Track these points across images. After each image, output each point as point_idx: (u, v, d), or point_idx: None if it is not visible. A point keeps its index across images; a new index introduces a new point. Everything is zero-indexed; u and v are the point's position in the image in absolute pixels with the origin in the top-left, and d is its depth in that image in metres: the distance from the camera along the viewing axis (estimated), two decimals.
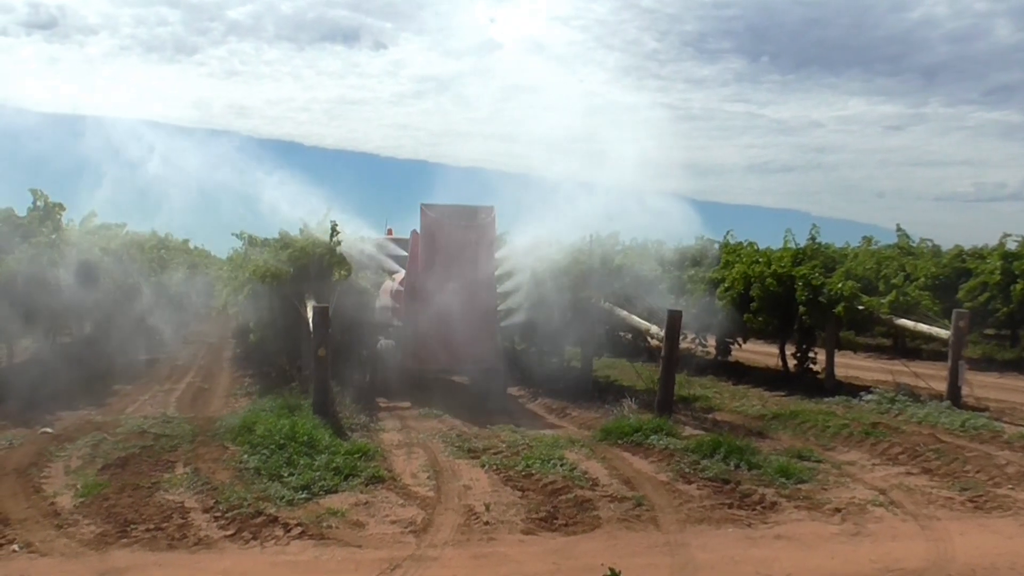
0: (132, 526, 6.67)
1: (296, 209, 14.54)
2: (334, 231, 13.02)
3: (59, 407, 11.53)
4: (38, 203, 13.79)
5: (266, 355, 13.77)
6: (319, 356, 10.51)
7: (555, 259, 13.92)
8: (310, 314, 11.28)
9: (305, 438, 8.82)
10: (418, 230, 13.12)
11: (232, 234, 15.18)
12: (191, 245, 29.80)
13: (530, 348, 15.22)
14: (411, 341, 12.96)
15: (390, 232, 16.25)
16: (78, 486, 7.69)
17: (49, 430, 10.08)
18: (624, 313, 12.83)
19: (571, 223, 15.00)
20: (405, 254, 13.91)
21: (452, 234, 12.92)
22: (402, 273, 13.98)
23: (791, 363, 15.29)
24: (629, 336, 15.13)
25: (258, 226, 15.18)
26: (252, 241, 14.74)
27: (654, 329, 11.84)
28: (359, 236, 14.86)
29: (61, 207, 13.96)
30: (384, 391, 13.06)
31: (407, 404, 12.50)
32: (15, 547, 6.22)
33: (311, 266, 13.24)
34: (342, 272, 13.00)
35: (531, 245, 14.30)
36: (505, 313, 14.19)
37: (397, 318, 13.55)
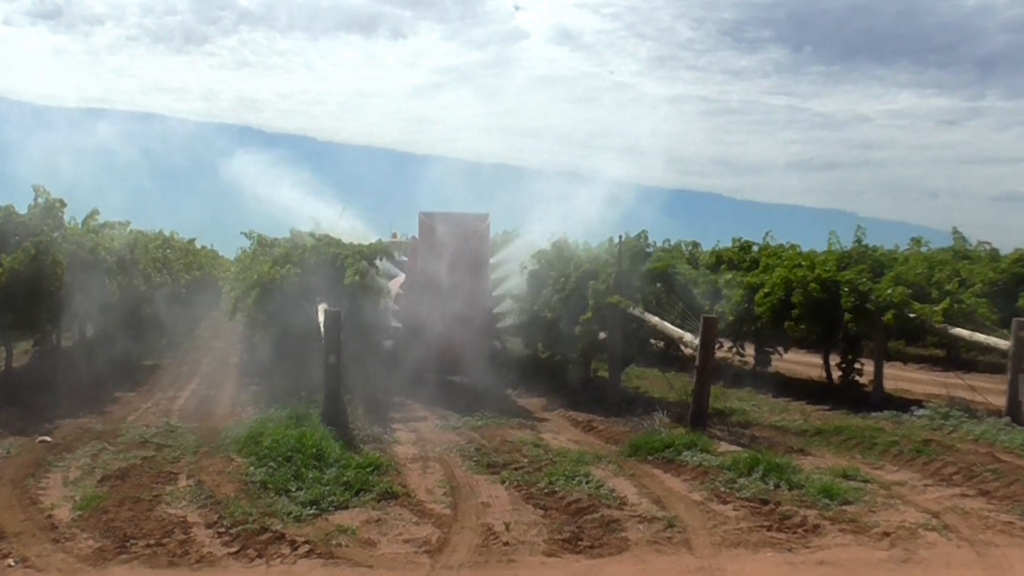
0: (132, 541, 6.71)
1: (308, 207, 14.75)
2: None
3: (58, 414, 11.61)
4: (39, 199, 13.94)
5: (274, 361, 13.89)
6: (330, 363, 10.56)
7: (580, 261, 14.12)
8: (321, 318, 11.36)
9: (314, 450, 8.84)
10: (417, 236, 14.08)
11: (241, 233, 15.59)
12: (198, 245, 30.01)
13: (554, 357, 15.29)
14: (411, 343, 13.86)
15: (395, 236, 16.91)
16: (76, 498, 7.75)
17: (47, 439, 10.16)
18: (655, 319, 12.74)
19: (597, 222, 15.59)
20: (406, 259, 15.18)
21: (448, 240, 14.35)
22: (403, 277, 15.09)
23: (835, 375, 15.16)
24: (661, 344, 15.12)
25: (268, 225, 15.79)
26: (262, 241, 15.09)
27: (688, 337, 11.76)
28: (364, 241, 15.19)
29: (62, 203, 14.12)
30: (393, 395, 13.40)
31: (424, 415, 12.63)
32: (10, 562, 6.27)
33: (323, 267, 13.43)
34: (356, 274, 13.14)
35: (546, 246, 14.92)
36: (501, 316, 15.13)
37: (397, 320, 14.46)
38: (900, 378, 16.32)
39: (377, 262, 14.04)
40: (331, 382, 10.60)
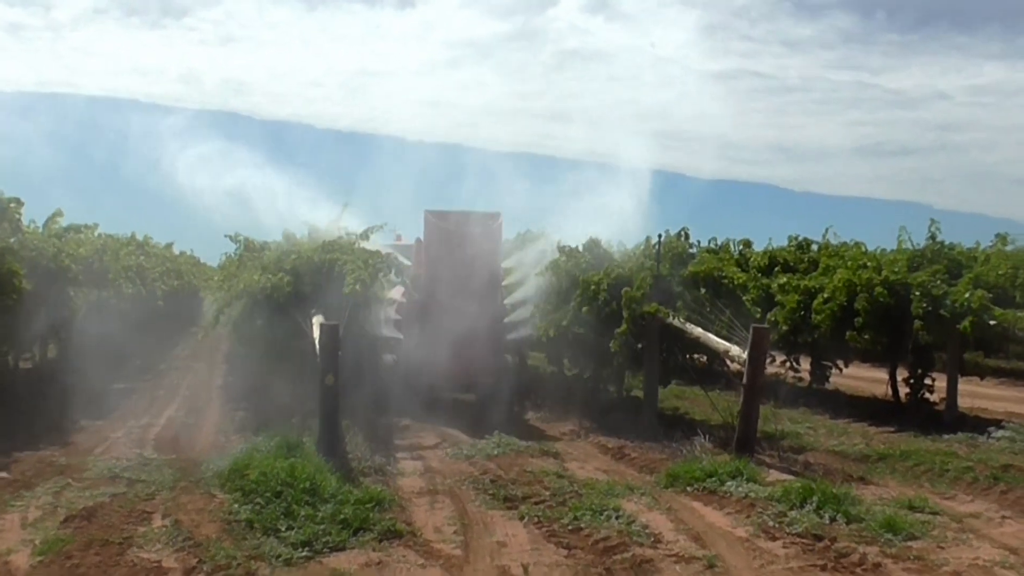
0: None
1: (303, 206, 15.37)
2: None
3: (15, 446, 11.63)
4: None
5: (263, 383, 14.02)
6: (326, 384, 10.64)
7: (613, 265, 14.28)
8: (316, 333, 11.45)
9: (307, 484, 8.91)
10: (421, 238, 14.52)
11: (225, 236, 15.50)
12: (176, 250, 30.25)
13: (582, 374, 15.46)
14: (416, 357, 14.15)
15: (399, 239, 17.03)
16: (36, 542, 7.76)
17: (4, 474, 10.25)
18: (698, 331, 12.81)
19: (634, 219, 15.67)
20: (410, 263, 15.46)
21: (455, 242, 14.81)
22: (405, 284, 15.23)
23: (903, 391, 15.14)
24: (704, 359, 15.18)
25: (257, 227, 15.95)
26: (249, 245, 15.10)
27: (735, 350, 11.80)
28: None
29: (19, 203, 14.19)
30: (397, 418, 13.71)
31: (432, 441, 12.80)
32: None
33: (319, 275, 13.58)
34: (356, 282, 13.15)
35: (573, 248, 14.99)
36: (514, 326, 15.49)
37: (400, 332, 14.68)
38: (977, 395, 16.21)
39: (384, 276, 14.19)
40: (328, 406, 10.66)
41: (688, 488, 9.87)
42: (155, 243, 25.91)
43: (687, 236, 15.12)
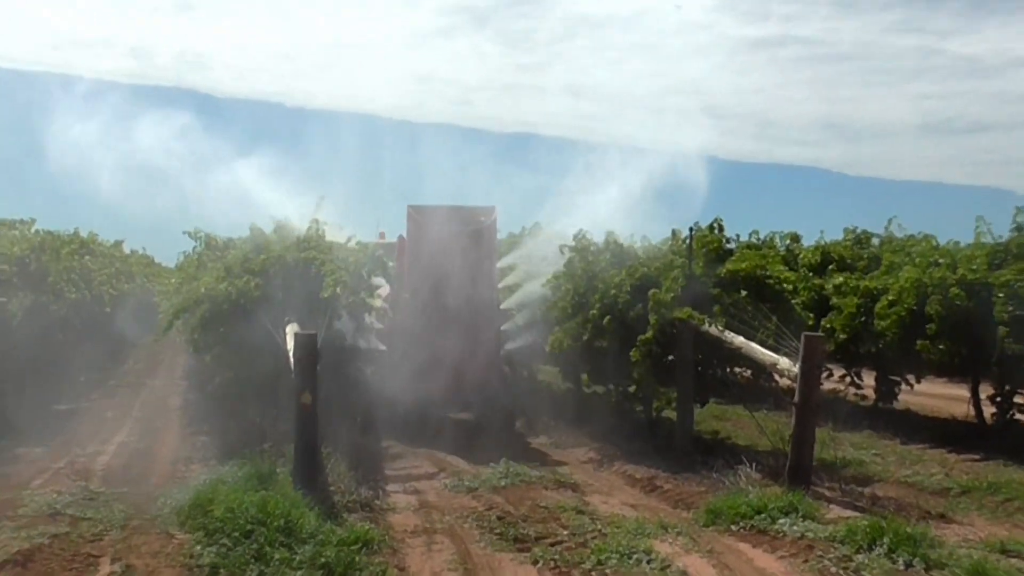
0: None
1: (275, 197, 15.34)
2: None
3: None
4: None
5: (229, 402, 14.10)
6: (303, 404, 10.59)
7: (637, 264, 14.32)
8: (290, 344, 11.44)
9: (282, 521, 8.86)
10: (405, 236, 14.94)
11: (183, 233, 15.56)
12: (126, 249, 30.21)
13: (604, 391, 15.48)
14: (401, 371, 14.44)
15: (382, 236, 17.56)
16: None
17: None
18: (740, 340, 12.75)
19: (657, 211, 15.85)
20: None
21: (444, 240, 15.11)
22: (387, 288, 15.62)
23: (988, 411, 15.03)
24: (747, 373, 15.10)
25: (220, 222, 15.96)
26: (210, 243, 15.21)
27: (783, 363, 11.77)
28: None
29: None
30: (386, 443, 14.09)
31: (428, 470, 12.86)
32: None
33: (293, 277, 13.57)
34: (336, 285, 13.15)
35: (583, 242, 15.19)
36: (513, 333, 15.94)
37: (382, 342, 14.92)
38: None
39: (370, 276, 14.38)
40: (305, 429, 10.61)
41: (732, 526, 9.82)
42: (102, 241, 25.84)
43: (721, 228, 15.05)
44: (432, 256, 15.21)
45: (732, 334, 12.96)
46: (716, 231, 14.83)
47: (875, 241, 19.62)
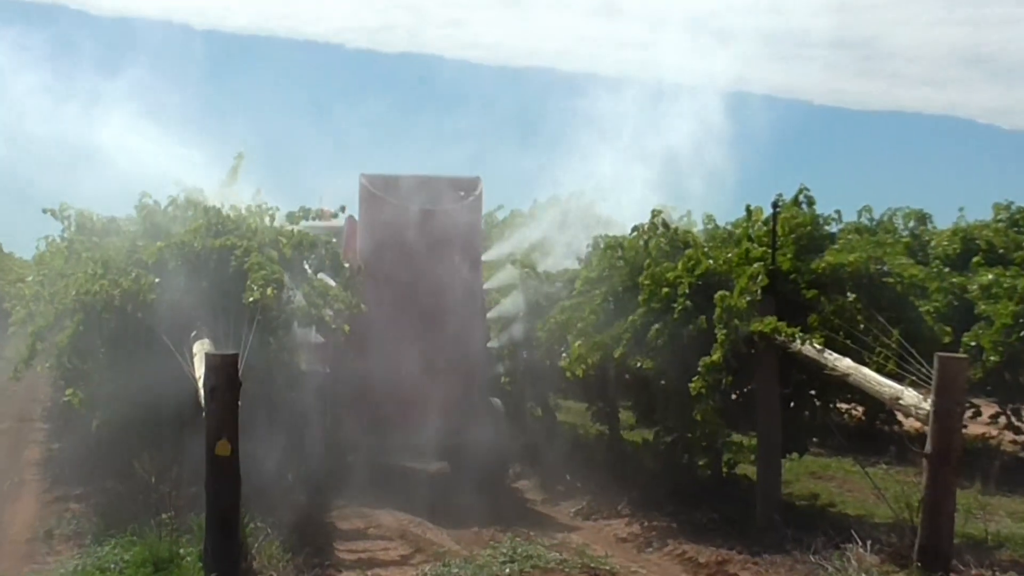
0: None
1: (174, 158, 15.35)
2: None
3: None
4: None
5: (110, 454, 13.97)
6: (218, 456, 10.28)
7: (696, 254, 14.03)
8: (200, 369, 11.19)
9: None
10: (356, 217, 15.12)
11: (44, 212, 15.52)
12: None
13: (651, 440, 15.27)
14: (348, 400, 14.80)
15: (323, 212, 17.27)
16: None
17: None
18: (846, 363, 12.30)
19: (713, 178, 16.26)
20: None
21: (411, 224, 14.95)
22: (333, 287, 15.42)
23: None
24: (858, 411, 14.80)
25: (97, 194, 15.83)
26: (84, 224, 15.27)
27: (909, 396, 11.23)
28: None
29: None
30: (338, 504, 14.21)
31: (398, 548, 12.76)
32: None
33: (203, 273, 13.57)
34: (267, 286, 13.07)
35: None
36: (504, 352, 16.30)
37: (324, 362, 15.32)
38: None
39: (316, 272, 14.59)
40: (221, 492, 10.29)
41: None
42: None
43: (811, 202, 14.94)
44: (392, 245, 15.07)
45: (835, 355, 12.58)
46: (805, 206, 14.75)
47: None
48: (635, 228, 15.21)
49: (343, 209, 16.55)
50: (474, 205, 15.79)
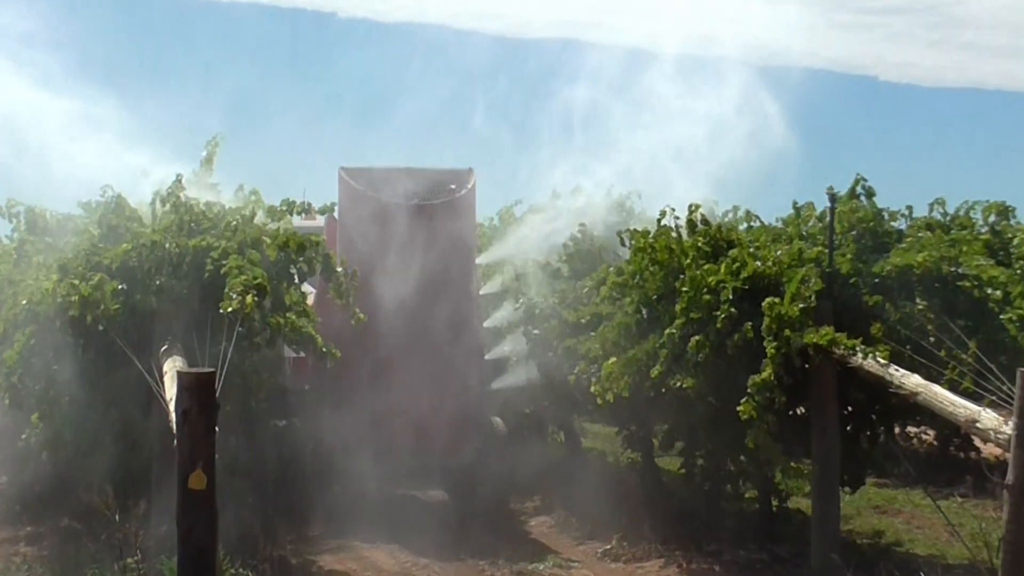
0: None
1: (139, 146, 15.10)
2: None
3: None
4: None
5: (67, 489, 13.85)
6: (191, 489, 9.29)
7: (740, 255, 13.55)
8: (170, 391, 10.54)
9: None
10: (336, 215, 14.99)
11: None
12: None
13: (692, 470, 14.71)
14: (330, 423, 14.29)
15: (305, 210, 17.07)
16: None
17: None
18: (915, 381, 11.66)
19: (748, 168, 15.95)
20: None
21: (395, 222, 14.84)
22: (311, 292, 15.47)
23: None
24: (929, 435, 14.89)
25: (50, 188, 15.67)
26: (35, 222, 15.27)
27: (988, 418, 10.36)
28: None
29: None
30: (323, 540, 13.91)
31: None
32: None
33: (175, 279, 13.30)
34: (247, 293, 12.63)
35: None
36: (504, 364, 16.10)
37: (302, 379, 15.45)
38: None
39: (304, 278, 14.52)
40: (194, 529, 9.31)
41: None
42: None
43: (870, 194, 14.69)
44: (374, 245, 14.89)
45: (902, 371, 11.99)
46: (864, 198, 14.40)
47: None
48: (661, 217, 14.54)
49: (333, 207, 16.16)
50: (467, 199, 15.57)
